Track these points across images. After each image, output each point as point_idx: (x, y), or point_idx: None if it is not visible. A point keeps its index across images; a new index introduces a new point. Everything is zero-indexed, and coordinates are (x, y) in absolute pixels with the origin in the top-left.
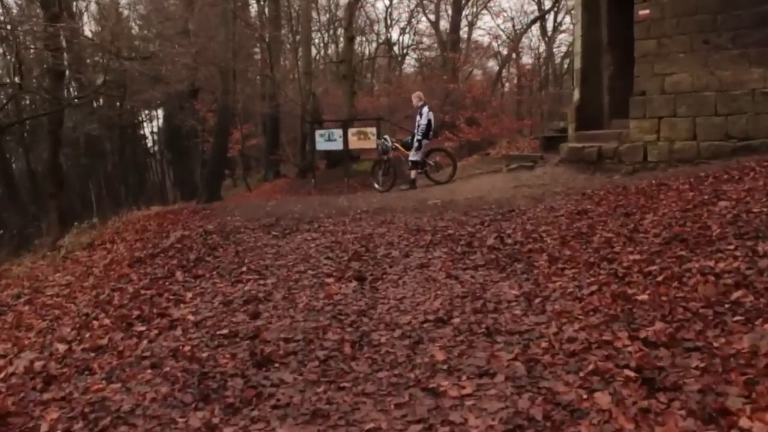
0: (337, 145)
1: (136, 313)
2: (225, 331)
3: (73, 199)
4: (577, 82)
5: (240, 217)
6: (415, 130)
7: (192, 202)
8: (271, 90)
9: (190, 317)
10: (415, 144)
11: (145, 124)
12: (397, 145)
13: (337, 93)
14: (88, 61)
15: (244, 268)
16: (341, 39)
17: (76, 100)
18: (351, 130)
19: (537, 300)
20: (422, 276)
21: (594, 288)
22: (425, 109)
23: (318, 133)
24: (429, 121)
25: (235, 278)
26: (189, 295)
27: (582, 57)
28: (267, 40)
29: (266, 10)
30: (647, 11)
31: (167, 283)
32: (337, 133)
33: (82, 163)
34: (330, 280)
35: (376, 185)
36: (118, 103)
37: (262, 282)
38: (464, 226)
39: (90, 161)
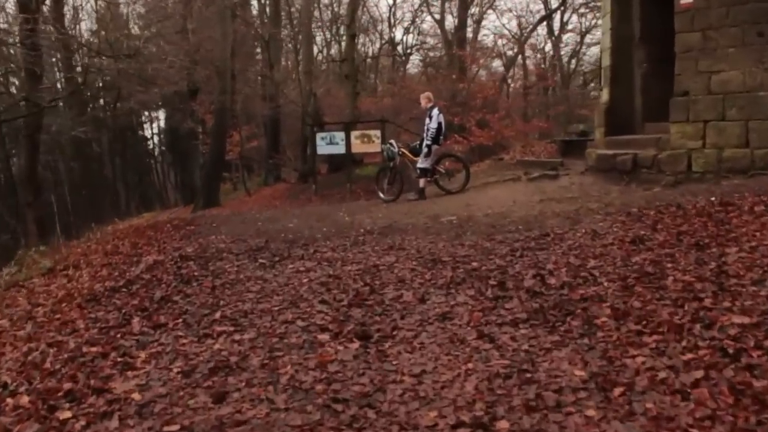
0: (339, 149)
1: (67, 385)
2: (175, 428)
3: (59, 207)
4: (606, 81)
5: (226, 236)
6: (424, 134)
7: (190, 207)
8: (272, 90)
9: (136, 396)
10: (424, 149)
11: (146, 126)
12: (404, 150)
13: (339, 94)
14: (80, 61)
15: (218, 315)
16: (344, 37)
17: (53, 102)
18: (354, 133)
19: (616, 391)
20: (445, 334)
21: (698, 374)
22: (435, 111)
23: (319, 136)
24: (439, 124)
25: (204, 330)
26: (142, 356)
27: (611, 53)
28: (266, 38)
29: (267, 8)
30: (691, 0)
31: (119, 336)
32: (339, 136)
33: (72, 168)
34: (324, 336)
35: (381, 195)
36: (112, 105)
37: (237, 337)
38: (490, 255)
39: (83, 165)
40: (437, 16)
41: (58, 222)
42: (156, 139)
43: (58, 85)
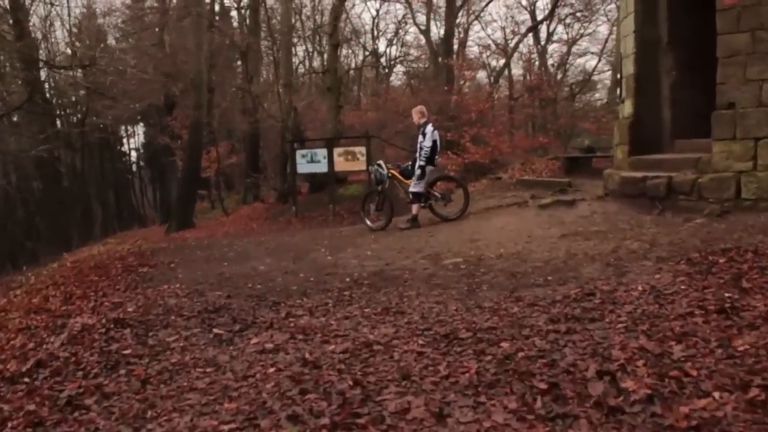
0: (321, 167)
1: None
2: None
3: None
4: (629, 92)
5: (182, 284)
6: (417, 154)
7: (165, 226)
8: (250, 104)
9: None
10: (417, 172)
11: (127, 141)
12: (393, 172)
13: (321, 108)
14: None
15: None
16: (326, 48)
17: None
18: (337, 150)
19: None
20: None
21: None
22: (429, 128)
23: (299, 153)
24: (434, 142)
25: None
26: None
27: (635, 60)
28: (243, 48)
29: (247, 19)
30: None
31: None
32: (321, 153)
33: (35, 188)
34: None
35: (368, 222)
36: (80, 121)
37: None
38: (523, 328)
39: (50, 186)
40: (422, 27)
41: (23, 248)
42: (135, 154)
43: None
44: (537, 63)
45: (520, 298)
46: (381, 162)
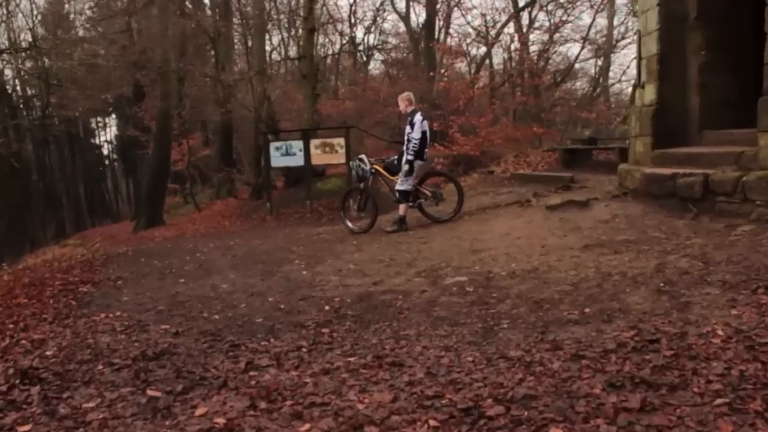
0: (297, 161)
1: None
2: None
3: None
4: (651, 75)
5: (123, 311)
6: (404, 147)
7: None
8: (221, 94)
9: None
10: (405, 167)
11: (100, 133)
12: (377, 168)
13: (297, 97)
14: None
15: None
16: (300, 33)
17: None
18: (314, 142)
19: None
20: None
21: None
22: (418, 117)
23: (273, 146)
24: (423, 133)
25: None
26: None
27: (659, 38)
28: (211, 34)
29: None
30: None
31: None
32: (297, 145)
33: None
34: None
35: (349, 224)
36: (39, 113)
37: None
38: (577, 401)
39: (4, 182)
40: (402, 13)
41: None
42: (108, 147)
43: None
44: (519, 50)
45: (557, 345)
46: (363, 156)
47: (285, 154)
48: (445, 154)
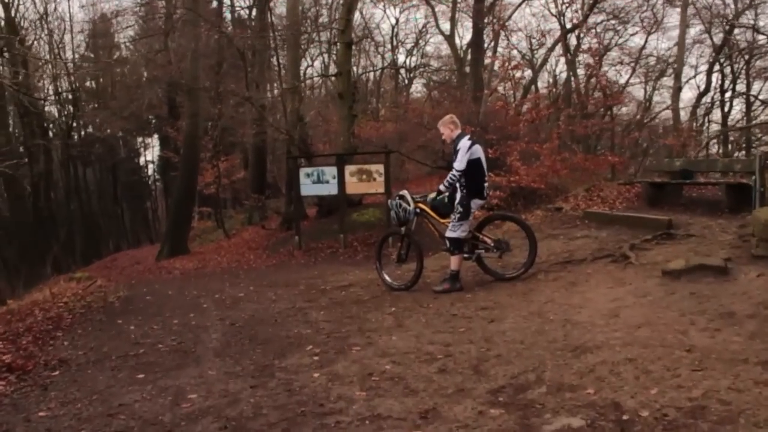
0: (330, 189)
1: None
2: None
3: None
4: None
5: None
6: (453, 180)
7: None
8: (254, 115)
9: None
10: (458, 209)
11: (143, 152)
12: (423, 207)
13: (333, 119)
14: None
15: None
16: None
17: None
18: (349, 168)
19: None
20: None
21: None
22: (464, 142)
23: (303, 172)
24: (473, 163)
25: None
26: None
27: None
28: (242, 50)
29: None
30: None
31: None
32: (330, 172)
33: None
34: None
35: (387, 278)
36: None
37: None
38: None
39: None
40: (447, 33)
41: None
42: (152, 167)
43: None
44: (592, 66)
45: None
46: (405, 193)
47: (317, 182)
48: (500, 185)
